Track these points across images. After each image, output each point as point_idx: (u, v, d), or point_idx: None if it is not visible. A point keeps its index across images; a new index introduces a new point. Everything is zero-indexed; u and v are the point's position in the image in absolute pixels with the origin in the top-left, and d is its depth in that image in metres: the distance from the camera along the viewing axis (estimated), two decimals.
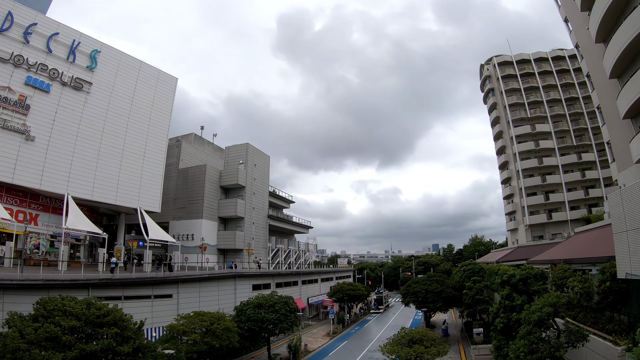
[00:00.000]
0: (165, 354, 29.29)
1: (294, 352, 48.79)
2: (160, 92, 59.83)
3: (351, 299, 79.12)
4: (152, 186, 56.88)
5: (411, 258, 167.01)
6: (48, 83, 48.34)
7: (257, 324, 42.41)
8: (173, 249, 60.30)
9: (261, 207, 77.76)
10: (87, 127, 51.05)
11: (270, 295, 46.81)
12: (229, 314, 44.24)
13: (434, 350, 33.32)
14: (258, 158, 78.61)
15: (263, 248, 76.60)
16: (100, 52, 53.36)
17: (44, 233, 49.01)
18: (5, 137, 44.12)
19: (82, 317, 25.25)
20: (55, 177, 47.37)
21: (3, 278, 32.03)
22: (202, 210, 68.18)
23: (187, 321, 36.28)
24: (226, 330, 36.47)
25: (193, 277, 49.12)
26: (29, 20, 47.60)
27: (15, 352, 21.98)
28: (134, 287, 41.61)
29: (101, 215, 64.18)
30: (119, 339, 26.09)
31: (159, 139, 58.93)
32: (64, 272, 39.40)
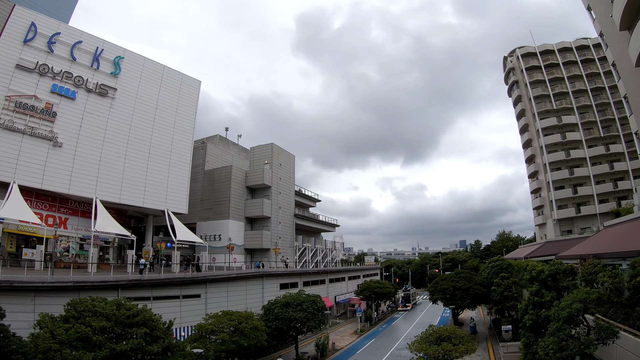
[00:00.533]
0: (194, 353, 29.61)
1: (321, 350, 48.87)
2: (184, 96, 60.50)
3: (378, 296, 78.62)
4: (178, 188, 57.60)
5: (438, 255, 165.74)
6: (73, 90, 49.35)
7: (284, 322, 42.49)
8: (201, 249, 60.80)
9: (287, 206, 77.97)
10: (113, 131, 51.96)
11: (298, 294, 46.88)
12: (257, 313, 44.44)
13: (462, 348, 32.89)
14: (283, 157, 78.86)
15: (290, 247, 76.75)
16: (124, 58, 54.18)
17: (73, 236, 49.97)
18: (33, 144, 45.35)
19: (112, 318, 25.66)
20: (84, 181, 48.39)
21: (34, 280, 32.86)
22: (228, 210, 68.78)
23: (215, 320, 36.52)
24: (254, 329, 36.57)
25: (221, 277, 49.50)
26: (52, 30, 48.76)
27: (46, 352, 22.47)
28: (163, 288, 42.23)
29: (129, 217, 65.04)
30: (149, 338, 26.37)
31: (185, 141, 59.61)
32: (94, 274, 40.16)
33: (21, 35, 46.54)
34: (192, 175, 62.68)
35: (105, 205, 48.88)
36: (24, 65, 46.14)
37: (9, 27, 45.90)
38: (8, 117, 44.30)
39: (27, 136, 45.16)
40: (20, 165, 44.08)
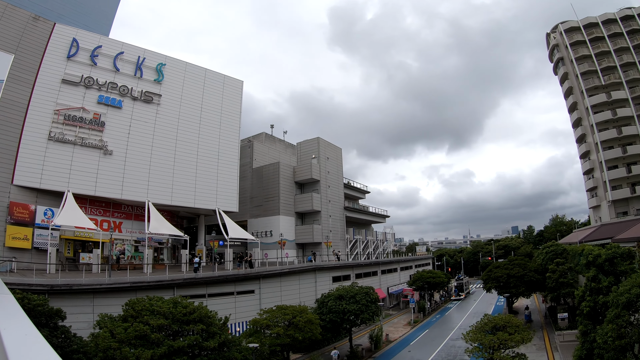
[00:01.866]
0: (250, 347, 29.90)
1: (375, 342, 48.66)
2: (228, 96, 61.22)
3: (431, 286, 77.53)
4: (228, 187, 58.41)
5: (490, 242, 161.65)
6: (119, 99, 50.83)
7: (338, 315, 42.54)
8: (253, 246, 61.51)
9: (337, 199, 77.84)
10: (161, 136, 53.24)
11: (351, 286, 46.83)
12: (310, 306, 44.70)
13: (518, 337, 32.09)
14: (330, 151, 78.71)
15: (341, 240, 76.64)
16: (165, 64, 55.29)
17: (128, 239, 51.66)
18: (84, 153, 47.21)
19: (169, 316, 26.30)
20: (135, 186, 49.83)
21: (92, 283, 34.32)
22: (278, 206, 69.23)
23: (270, 315, 36.90)
24: (308, 322, 36.81)
25: (274, 272, 50.00)
26: (94, 43, 50.41)
27: (106, 351, 23.22)
28: (217, 285, 43.14)
29: (181, 218, 66.36)
30: (205, 334, 26.88)
31: (231, 141, 60.38)
32: (150, 274, 41.45)
33: (64, 51, 48.40)
34: (241, 174, 63.46)
35: (157, 208, 50.18)
36: (70, 79, 47.99)
37: (51, 44, 47.85)
38: (58, 129, 46.32)
39: (78, 146, 47.02)
40: (73, 175, 45.97)
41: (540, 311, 66.10)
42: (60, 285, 32.28)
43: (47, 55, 47.39)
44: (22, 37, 46.24)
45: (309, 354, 44.00)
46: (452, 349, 46.94)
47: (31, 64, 46.45)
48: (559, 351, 41.25)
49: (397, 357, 46.30)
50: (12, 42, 45.43)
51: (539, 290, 60.13)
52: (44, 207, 44.22)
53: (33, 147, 44.86)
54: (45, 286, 31.28)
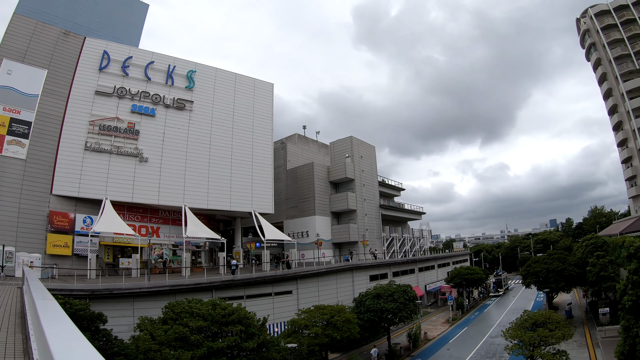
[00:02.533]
0: (288, 347, 29.93)
1: (414, 340, 48.17)
2: (259, 99, 61.66)
3: (469, 283, 75.98)
4: (263, 189, 58.79)
5: (528, 236, 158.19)
6: (152, 108, 51.83)
7: (376, 314, 42.35)
8: (289, 247, 61.70)
9: (372, 197, 77.36)
10: (194, 141, 53.98)
11: (388, 284, 46.51)
12: (348, 305, 44.52)
13: (559, 333, 31.33)
14: (363, 149, 78.30)
15: (377, 238, 76.10)
16: (196, 71, 55.98)
17: (166, 243, 52.52)
18: (121, 161, 48.43)
19: (209, 318, 26.59)
20: (171, 191, 50.72)
21: (132, 287, 34.96)
22: (314, 207, 69.39)
23: (308, 315, 36.96)
24: (346, 322, 36.66)
25: (311, 272, 50.09)
26: (124, 55, 51.65)
27: (147, 353, 23.56)
28: (255, 286, 43.48)
29: (218, 221, 66.97)
30: (244, 335, 27.13)
31: (264, 143, 60.77)
32: (188, 277, 42.01)
33: (96, 63, 49.89)
34: (275, 175, 63.74)
35: (194, 212, 50.76)
36: (103, 90, 49.40)
37: (83, 58, 49.47)
38: (94, 139, 47.73)
39: (114, 155, 48.25)
40: (110, 182, 47.19)
41: (581, 306, 64.33)
42: (100, 290, 33.01)
43: (79, 68, 48.95)
44: (54, 53, 47.95)
45: (347, 354, 43.78)
46: (492, 347, 46.18)
47: (64, 78, 48.08)
48: (600, 347, 39.86)
49: (435, 355, 45.77)
50: (44, 58, 47.24)
51: (579, 284, 58.44)
52: (83, 215, 45.67)
53: (70, 157, 46.38)
54: (86, 291, 32.05)
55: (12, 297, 19.88)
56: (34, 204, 43.97)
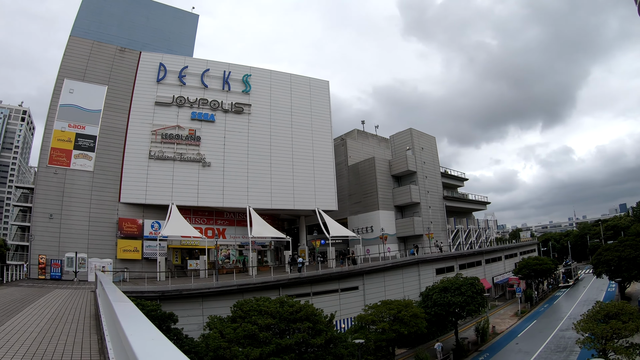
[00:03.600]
0: (356, 343, 29.75)
1: (481, 334, 47.05)
2: (316, 98, 61.83)
3: (537, 274, 73.08)
4: (326, 186, 58.53)
5: (597, 223, 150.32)
6: (212, 114, 53.09)
7: (443, 308, 41.59)
8: (354, 242, 61.34)
9: (435, 189, 75.58)
10: (255, 143, 54.81)
11: (455, 277, 45.49)
12: (415, 300, 43.91)
13: (632, 325, 29.85)
14: (424, 141, 76.61)
15: (442, 230, 74.63)
16: (251, 75, 56.81)
17: (232, 244, 53.75)
18: (184, 167, 50.02)
19: (277, 315, 26.91)
20: (235, 194, 51.63)
21: (201, 287, 36.11)
22: (377, 201, 68.72)
23: (374, 311, 36.91)
24: (414, 316, 36.21)
25: (376, 267, 49.94)
26: (179, 65, 53.46)
27: (216, 350, 24.02)
28: (321, 283, 43.91)
29: (282, 220, 67.65)
30: (312, 332, 27.27)
31: (324, 141, 60.61)
32: (255, 277, 42.80)
33: (153, 76, 52.06)
34: (337, 172, 63.61)
35: (258, 212, 51.49)
36: (162, 101, 51.41)
37: (140, 71, 51.89)
38: (158, 148, 49.64)
39: (178, 162, 49.87)
40: (175, 188, 48.81)
41: None
42: (170, 291, 34.24)
43: (137, 81, 51.41)
44: (112, 69, 50.70)
45: (414, 349, 43.22)
46: (562, 340, 44.56)
47: (124, 92, 50.64)
48: None
49: (504, 350, 44.59)
50: (103, 74, 50.06)
51: None
52: (151, 221, 47.56)
53: (135, 166, 48.60)
54: (156, 292, 33.33)
55: (86, 300, 20.82)
56: (104, 212, 46.46)
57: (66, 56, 49.64)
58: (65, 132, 47.04)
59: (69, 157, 46.64)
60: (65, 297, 22.45)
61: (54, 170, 45.88)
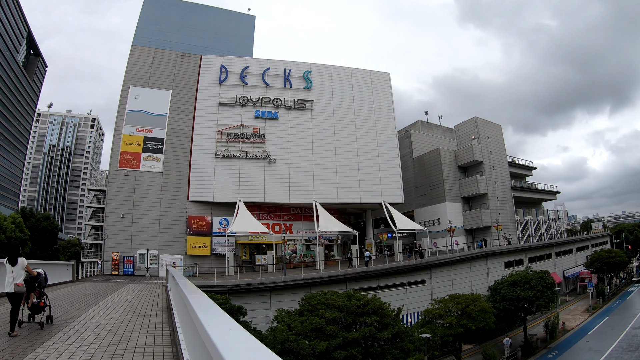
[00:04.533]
0: (423, 338, 29.44)
1: (551, 331, 45.19)
2: (377, 90, 61.12)
3: (610, 267, 69.35)
4: (391, 179, 58.08)
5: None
6: (275, 111, 54.21)
7: (512, 303, 40.27)
8: (421, 235, 60.50)
9: (502, 179, 72.99)
10: (319, 139, 55.38)
11: (524, 271, 44.11)
12: (483, 294, 42.85)
13: None
14: (489, 129, 74.16)
15: (511, 222, 72.26)
16: (311, 71, 57.33)
17: (299, 239, 54.72)
18: (250, 165, 51.59)
19: (344, 309, 27.20)
20: (301, 189, 52.43)
21: (269, 281, 37.06)
22: (444, 193, 67.26)
23: (442, 305, 36.31)
24: (482, 311, 35.33)
25: (444, 260, 49.48)
26: (240, 66, 55.06)
27: (284, 343, 24.50)
28: (388, 277, 43.97)
29: (349, 214, 67.84)
30: (379, 325, 27.30)
31: (388, 133, 60.19)
32: (322, 271, 43.10)
33: (215, 78, 54.12)
34: (403, 164, 62.98)
35: (324, 207, 51.91)
36: (226, 101, 53.31)
37: (202, 74, 54.12)
38: (223, 147, 51.54)
39: (244, 160, 51.45)
40: (242, 185, 50.35)
41: None
42: (239, 285, 35.38)
43: (200, 84, 53.66)
44: (175, 74, 53.35)
45: (481, 345, 41.52)
46: (635, 339, 42.34)
47: (188, 95, 53.04)
48: None
49: (573, 348, 42.59)
50: (167, 80, 52.77)
51: None
52: (219, 217, 49.37)
53: (203, 166, 50.76)
54: (225, 287, 34.57)
55: (158, 294, 21.84)
56: (173, 210, 48.79)
57: (130, 64, 52.73)
58: (133, 136, 49.86)
59: (138, 159, 49.41)
60: (137, 292, 23.50)
61: (125, 172, 48.85)
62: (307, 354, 24.38)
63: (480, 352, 38.60)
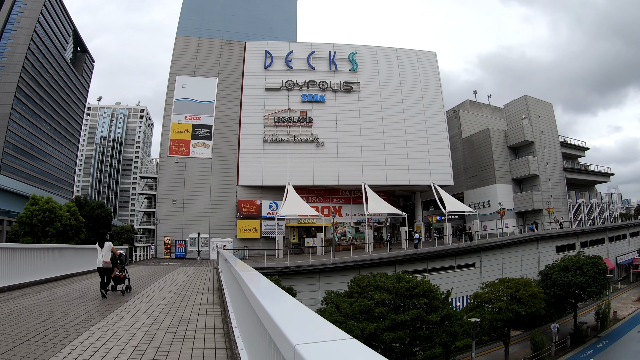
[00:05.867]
0: (471, 322, 29.27)
1: (602, 319, 43.99)
2: (424, 70, 60.03)
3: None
4: (440, 161, 57.19)
5: None
6: (321, 95, 54.48)
7: (563, 288, 39.08)
8: (471, 218, 60.07)
9: (554, 160, 70.37)
10: (366, 120, 55.17)
11: (577, 256, 42.64)
12: (533, 279, 41.95)
13: None
14: (540, 108, 71.25)
15: (563, 205, 69.99)
16: (356, 53, 57.10)
17: (348, 222, 54.93)
18: (298, 148, 52.26)
19: (393, 291, 27.39)
20: (350, 172, 52.57)
21: (318, 263, 37.80)
22: (494, 175, 66.09)
23: (491, 289, 35.75)
24: (532, 296, 34.41)
25: (494, 244, 48.78)
26: (284, 51, 55.52)
27: (333, 324, 24.60)
28: (437, 260, 44.03)
29: (397, 197, 67.51)
30: (427, 308, 27.27)
31: (436, 113, 59.16)
32: (371, 253, 43.40)
33: (260, 63, 54.92)
34: (452, 145, 61.91)
35: (373, 189, 51.87)
36: (272, 86, 54.18)
37: (247, 61, 55.15)
38: (271, 132, 52.41)
39: (292, 144, 52.14)
40: (291, 169, 51.12)
41: None
42: (289, 267, 36.19)
43: (246, 70, 54.73)
44: (220, 61, 54.53)
45: (530, 331, 40.80)
46: None
47: (234, 82, 54.16)
48: None
49: (625, 338, 41.43)
50: (212, 67, 54.12)
51: None
52: (268, 201, 50.34)
53: (251, 150, 51.87)
54: (275, 269, 35.41)
55: (209, 276, 22.54)
56: (223, 195, 50.19)
57: (175, 55, 54.25)
58: (182, 124, 51.44)
59: (187, 146, 50.99)
60: (189, 274, 24.35)
61: (175, 159, 50.50)
62: (356, 335, 24.43)
63: (529, 339, 38.19)
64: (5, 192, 74.33)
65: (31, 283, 16.08)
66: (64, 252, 21.17)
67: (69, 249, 22.76)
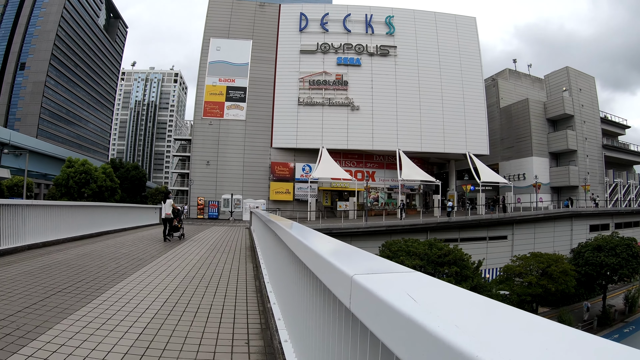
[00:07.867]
0: (500, 294, 29.01)
1: (630, 304, 42.59)
2: (463, 36, 58.09)
3: None
4: (477, 129, 55.88)
5: None
6: (357, 58, 53.57)
7: (594, 268, 38.01)
8: (505, 190, 58.06)
9: (593, 136, 67.75)
10: (403, 85, 54.16)
11: (611, 236, 41.13)
12: (565, 256, 41.21)
13: None
14: (581, 81, 68.02)
15: (599, 183, 68.19)
16: (393, 16, 55.81)
17: (381, 187, 54.81)
18: (333, 112, 51.76)
19: (424, 257, 27.23)
20: (384, 136, 51.99)
21: (350, 227, 37.71)
22: (531, 147, 63.72)
23: (522, 262, 35.28)
24: (563, 273, 33.70)
25: (528, 217, 47.67)
26: (320, 13, 54.57)
27: None
28: (469, 230, 43.20)
29: (431, 164, 66.43)
30: (458, 277, 27.04)
31: (475, 81, 57.46)
32: (403, 219, 42.92)
33: (295, 26, 54.21)
34: (489, 115, 60.30)
35: (407, 155, 51.18)
36: (307, 49, 53.40)
37: (282, 23, 54.47)
38: (306, 94, 51.93)
39: (327, 107, 51.70)
40: (325, 132, 50.80)
41: None
42: (321, 230, 34.94)
43: (281, 33, 54.11)
44: (255, 24, 54.06)
45: (557, 309, 39.63)
46: None
47: (269, 44, 53.70)
48: None
49: None
50: (246, 30, 53.69)
51: None
52: (301, 164, 50.45)
53: (286, 113, 51.63)
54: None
55: (242, 235, 23.08)
56: (257, 157, 50.45)
57: (209, 17, 53.94)
58: (216, 86, 51.47)
59: (221, 108, 51.09)
60: (222, 233, 24.90)
61: (209, 121, 50.77)
62: None
63: (556, 317, 37.21)
64: (42, 155, 76.02)
65: (99, 233, 20.18)
66: (127, 210, 26.42)
67: (132, 207, 28.50)
